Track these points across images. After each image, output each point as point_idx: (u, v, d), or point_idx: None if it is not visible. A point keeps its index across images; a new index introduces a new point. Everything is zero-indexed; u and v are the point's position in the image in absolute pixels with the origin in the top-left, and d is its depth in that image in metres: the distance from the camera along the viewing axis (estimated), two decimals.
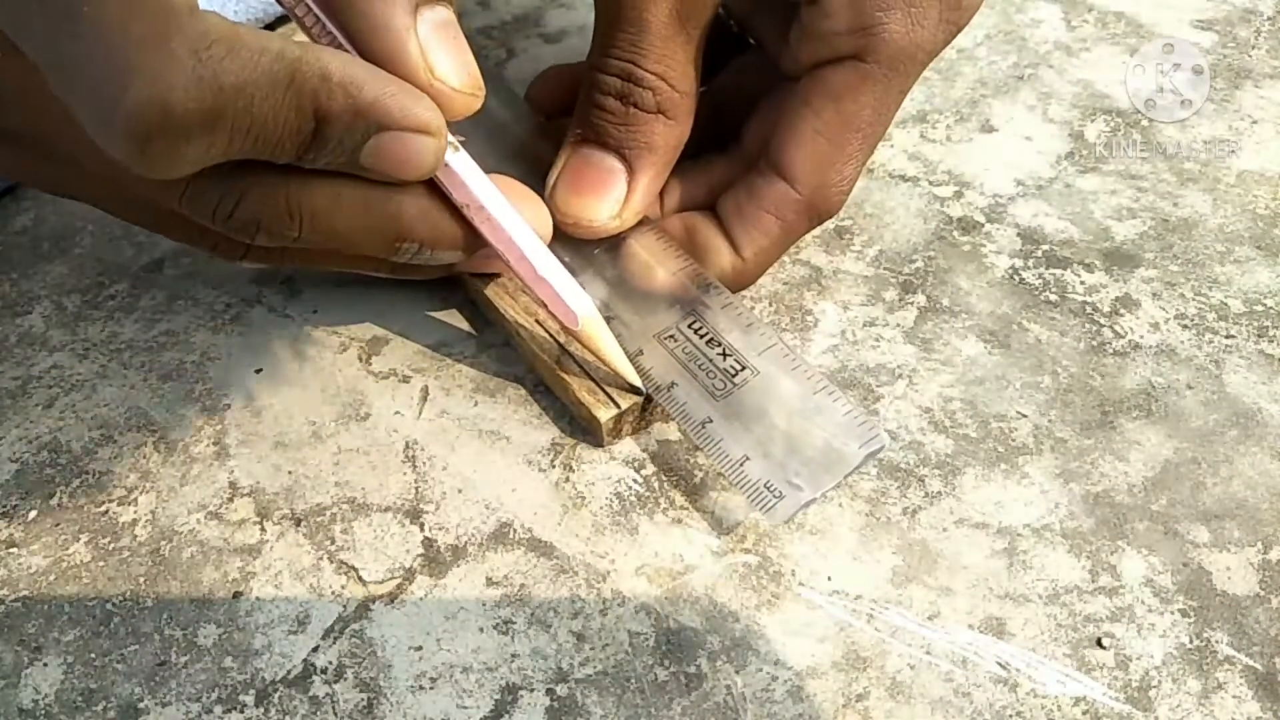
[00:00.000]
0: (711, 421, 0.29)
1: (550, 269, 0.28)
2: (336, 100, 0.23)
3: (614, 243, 0.32)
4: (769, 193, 0.31)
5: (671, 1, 0.30)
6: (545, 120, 0.36)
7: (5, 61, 0.23)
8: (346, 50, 0.24)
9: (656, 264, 0.32)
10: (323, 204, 0.25)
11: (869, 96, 0.30)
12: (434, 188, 0.27)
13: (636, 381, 0.29)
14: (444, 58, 0.25)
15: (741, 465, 0.28)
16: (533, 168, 0.33)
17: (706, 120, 0.33)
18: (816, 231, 0.36)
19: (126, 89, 0.20)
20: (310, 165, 0.24)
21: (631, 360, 0.30)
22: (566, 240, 0.31)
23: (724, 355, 0.30)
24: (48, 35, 0.20)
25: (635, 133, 0.31)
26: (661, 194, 0.33)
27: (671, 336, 0.30)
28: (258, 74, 0.21)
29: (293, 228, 0.25)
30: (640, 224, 0.33)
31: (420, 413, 0.31)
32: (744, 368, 0.29)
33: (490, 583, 0.27)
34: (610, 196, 0.31)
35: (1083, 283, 0.35)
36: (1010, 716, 0.25)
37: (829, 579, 0.27)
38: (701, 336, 0.30)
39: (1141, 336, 0.33)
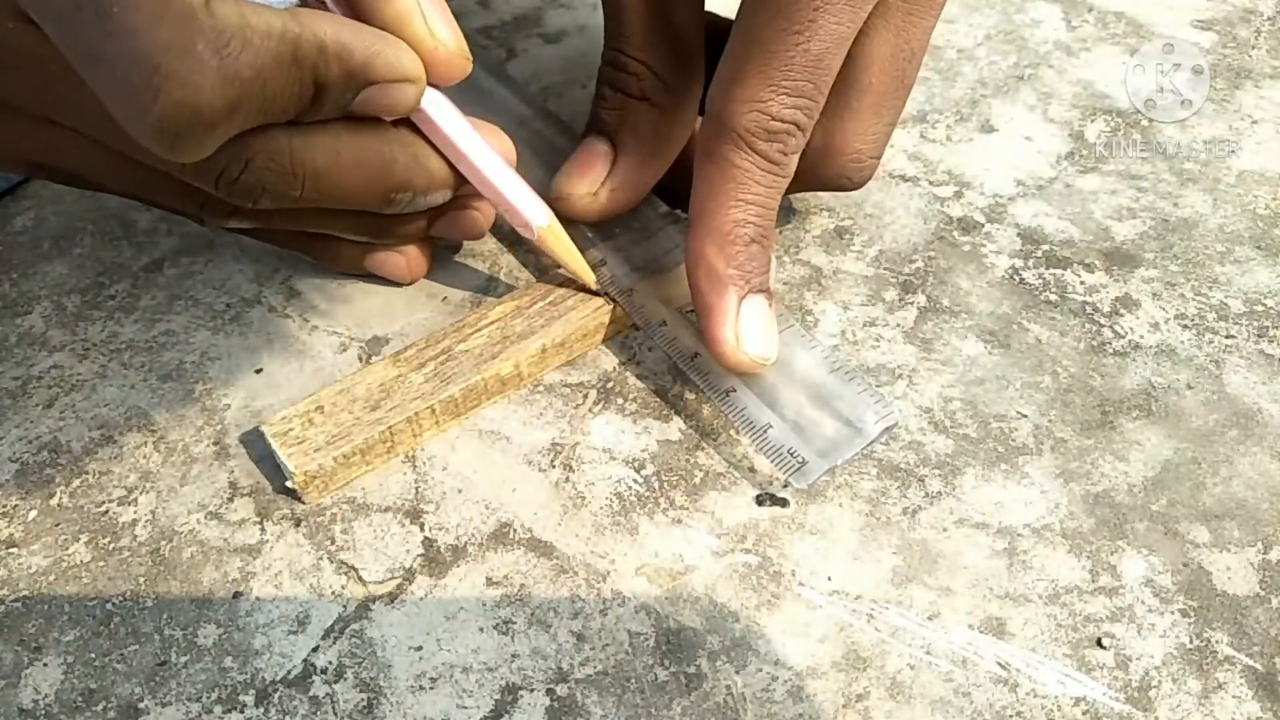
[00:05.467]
0: (735, 391, 0.30)
1: (507, 183, 0.30)
2: (332, 69, 0.25)
3: (636, 228, 0.34)
4: (699, 139, 0.30)
5: None
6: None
7: (18, 31, 0.25)
8: (334, 10, 0.26)
9: (673, 248, 0.33)
10: (324, 162, 0.27)
11: (771, 9, 0.28)
12: (421, 135, 0.29)
13: (594, 283, 0.32)
14: (441, 24, 0.27)
15: (765, 432, 0.29)
16: (549, 158, 0.35)
17: None
18: (816, 231, 0.36)
19: (158, 93, 0.22)
20: (307, 120, 0.26)
21: (656, 330, 0.31)
22: (595, 225, 0.34)
23: None
24: (79, 30, 0.22)
25: (621, 117, 0.32)
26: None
27: (694, 311, 0.31)
28: (269, 59, 0.23)
29: (296, 186, 0.27)
30: (663, 215, 0.34)
31: None
32: None
33: (490, 583, 0.27)
34: (590, 175, 0.33)
35: (1083, 283, 0.35)
36: (1010, 716, 0.25)
37: (829, 579, 0.27)
38: None
39: (1141, 336, 0.33)
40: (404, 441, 0.29)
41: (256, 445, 0.30)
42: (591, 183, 0.32)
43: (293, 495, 0.28)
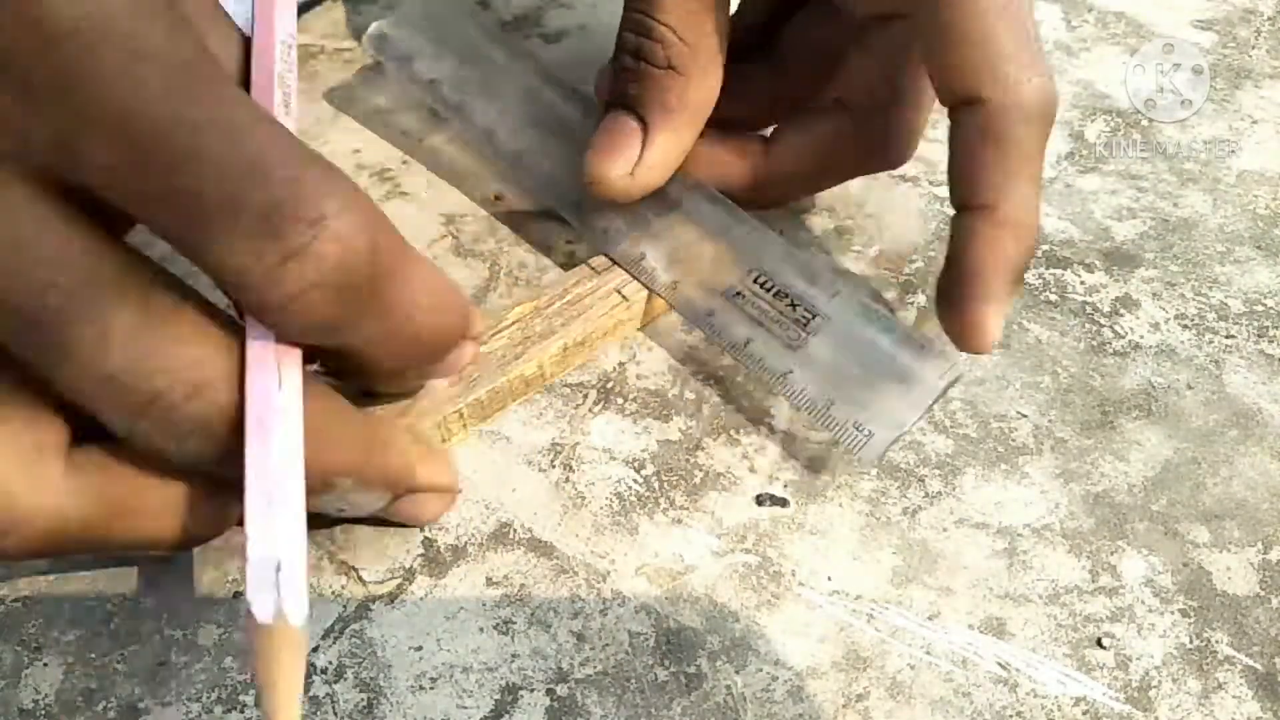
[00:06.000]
0: (792, 372, 0.29)
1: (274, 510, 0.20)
2: None
3: (666, 208, 0.33)
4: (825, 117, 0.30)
5: None
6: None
7: None
8: None
9: (711, 226, 0.32)
10: None
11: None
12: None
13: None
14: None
15: (827, 409, 0.28)
16: (561, 130, 0.34)
17: (774, 76, 0.33)
18: (816, 231, 0.36)
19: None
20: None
21: (705, 320, 0.31)
22: (623, 206, 0.32)
23: (793, 306, 0.30)
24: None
25: (648, 90, 0.31)
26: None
27: (739, 294, 0.30)
28: None
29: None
30: (693, 188, 0.33)
31: None
32: (815, 315, 0.30)
33: (490, 583, 0.27)
34: (623, 156, 0.31)
35: (1083, 283, 0.35)
36: (1010, 716, 0.25)
37: (829, 579, 0.27)
38: (768, 290, 0.30)
39: (1141, 336, 0.33)
40: (433, 446, 0.29)
41: None
42: (626, 163, 0.31)
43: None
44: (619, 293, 0.32)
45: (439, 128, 0.39)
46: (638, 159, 0.31)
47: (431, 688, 0.25)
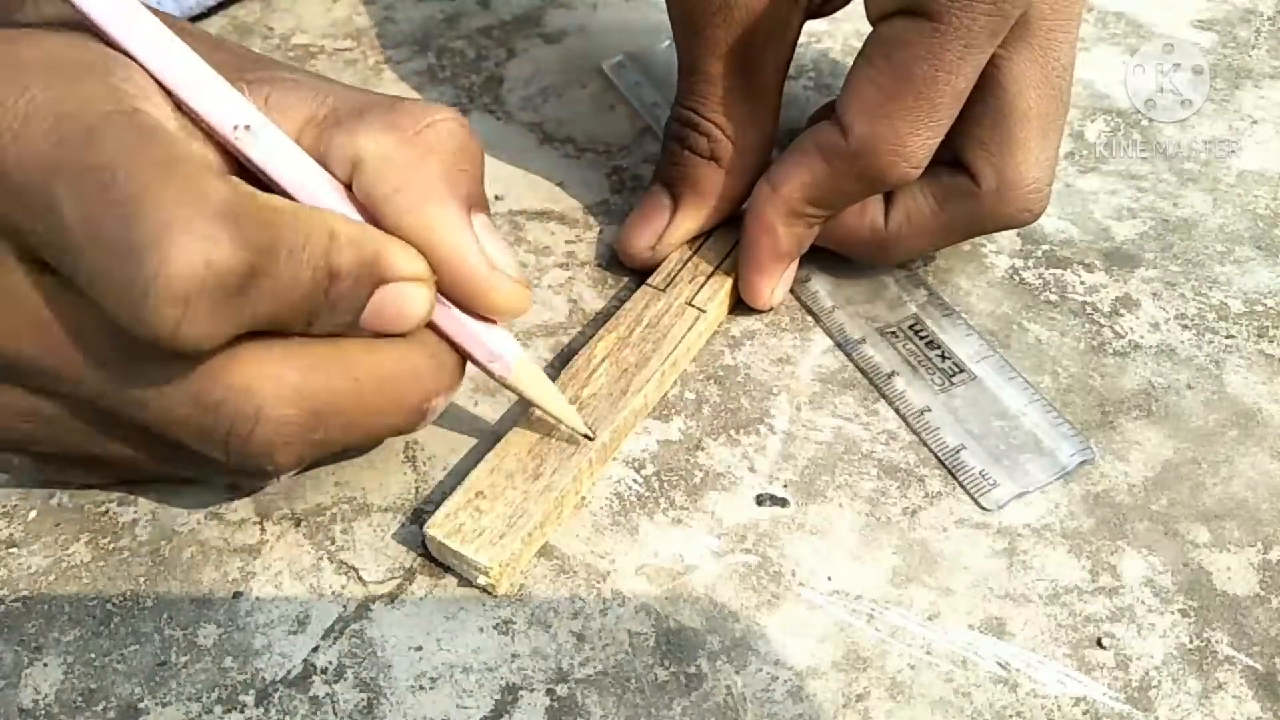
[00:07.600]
0: (930, 410, 0.30)
1: (470, 322, 0.25)
2: (345, 256, 0.23)
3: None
4: (822, 133, 0.30)
5: (737, 56, 0.31)
6: None
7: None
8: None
9: (885, 273, 0.34)
10: (342, 389, 0.24)
11: (922, 50, 0.27)
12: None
13: (582, 428, 0.28)
14: (499, 252, 0.25)
15: (957, 453, 0.30)
16: None
17: None
18: None
19: (171, 247, 0.20)
20: (317, 330, 0.23)
21: (855, 348, 0.32)
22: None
23: (943, 358, 0.32)
24: (77, 214, 0.20)
25: (684, 173, 0.33)
26: None
27: (893, 333, 0.32)
28: (281, 233, 0.21)
29: (317, 427, 0.23)
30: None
31: None
32: (962, 370, 0.31)
33: None
34: (649, 228, 0.34)
35: (1083, 283, 0.35)
36: (1010, 716, 0.25)
37: (829, 579, 0.27)
38: (921, 338, 0.32)
39: (1141, 336, 0.33)
40: (569, 499, 0.28)
41: None
42: (651, 237, 0.34)
43: (484, 591, 0.27)
44: (693, 306, 0.32)
45: None
46: (661, 234, 0.33)
47: (431, 688, 0.25)
